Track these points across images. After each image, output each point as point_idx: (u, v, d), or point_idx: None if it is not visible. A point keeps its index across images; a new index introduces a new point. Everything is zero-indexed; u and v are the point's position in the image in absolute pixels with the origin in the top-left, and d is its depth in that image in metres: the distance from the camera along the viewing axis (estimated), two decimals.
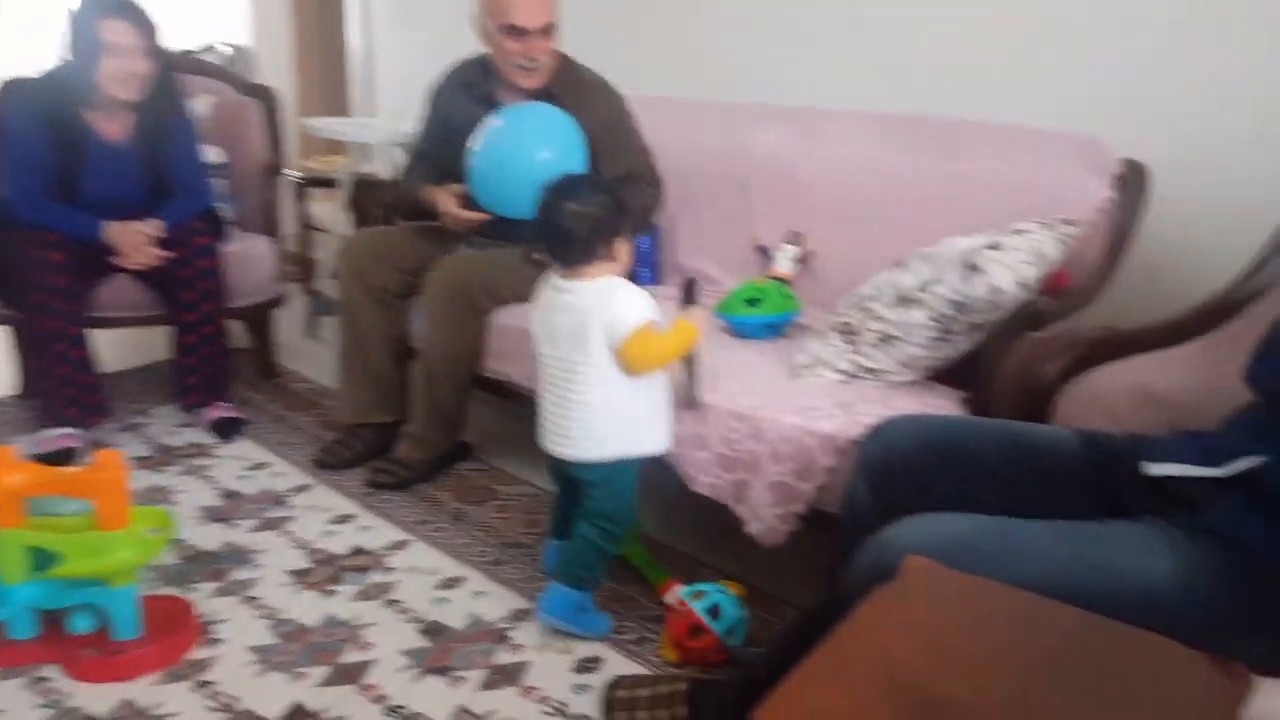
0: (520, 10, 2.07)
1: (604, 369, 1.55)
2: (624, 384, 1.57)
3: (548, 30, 2.12)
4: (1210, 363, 1.45)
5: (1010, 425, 1.36)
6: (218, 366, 2.45)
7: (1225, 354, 1.40)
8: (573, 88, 2.23)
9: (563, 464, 1.65)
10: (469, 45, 2.31)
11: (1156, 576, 1.04)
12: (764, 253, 2.25)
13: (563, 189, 1.56)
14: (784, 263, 2.17)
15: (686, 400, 1.69)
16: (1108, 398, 1.46)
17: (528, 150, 2.01)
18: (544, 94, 2.22)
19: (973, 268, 1.51)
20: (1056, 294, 1.71)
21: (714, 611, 1.57)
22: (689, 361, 1.66)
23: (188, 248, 2.37)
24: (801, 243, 2.20)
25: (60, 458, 2.19)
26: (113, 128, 2.35)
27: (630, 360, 1.53)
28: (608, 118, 2.25)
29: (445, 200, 2.18)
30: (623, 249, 1.59)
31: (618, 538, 1.65)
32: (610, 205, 1.57)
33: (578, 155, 2.07)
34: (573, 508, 1.69)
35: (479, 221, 2.15)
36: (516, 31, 2.09)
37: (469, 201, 2.17)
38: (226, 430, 2.42)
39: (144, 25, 2.29)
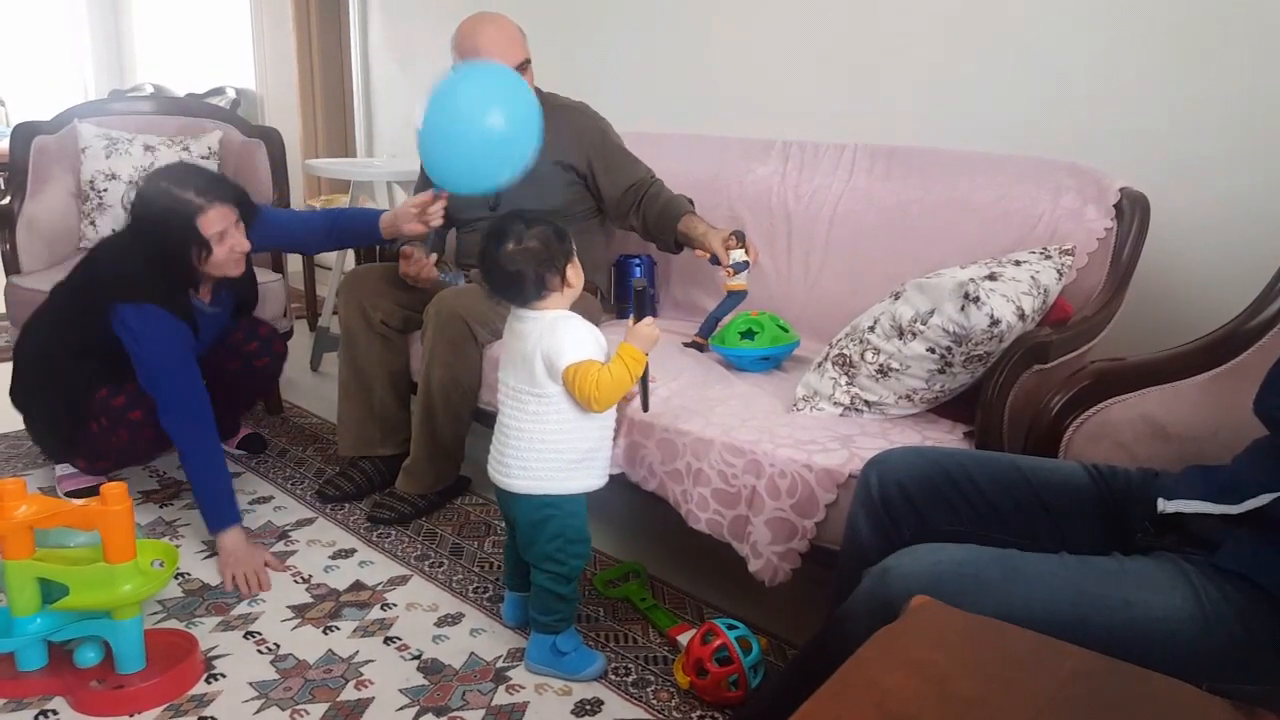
0: (487, 54, 2.13)
1: (548, 400, 1.54)
2: (566, 419, 1.55)
3: (520, 69, 2.17)
4: (1220, 397, 1.43)
5: (1016, 459, 1.33)
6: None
7: (1235, 388, 1.39)
8: (558, 116, 2.26)
9: (503, 499, 1.64)
10: None
11: (1168, 611, 1.01)
12: (715, 262, 2.08)
13: (498, 233, 1.55)
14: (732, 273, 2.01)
15: (642, 405, 1.70)
16: (1117, 431, 1.44)
17: (476, 117, 1.84)
18: None
19: (970, 298, 1.50)
20: (1059, 325, 1.70)
21: (744, 645, 1.56)
22: (643, 374, 1.62)
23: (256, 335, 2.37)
24: (748, 246, 2.02)
25: (91, 492, 2.20)
26: (205, 294, 2.18)
27: (584, 399, 1.51)
28: (599, 141, 2.31)
29: (404, 265, 2.20)
30: (573, 272, 1.58)
31: (570, 579, 1.60)
32: (549, 235, 1.55)
33: (529, 109, 1.90)
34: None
35: (435, 277, 2.20)
36: None
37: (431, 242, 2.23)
38: (256, 445, 2.61)
39: (235, 195, 2.04)
